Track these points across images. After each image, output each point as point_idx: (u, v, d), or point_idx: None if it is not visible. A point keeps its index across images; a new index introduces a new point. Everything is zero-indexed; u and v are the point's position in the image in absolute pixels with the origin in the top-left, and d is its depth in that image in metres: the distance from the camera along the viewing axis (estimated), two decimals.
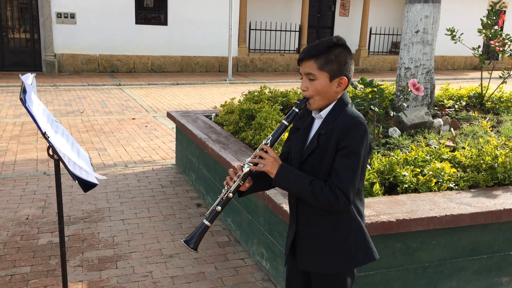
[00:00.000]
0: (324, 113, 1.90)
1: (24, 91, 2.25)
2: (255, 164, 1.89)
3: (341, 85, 1.86)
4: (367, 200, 3.01)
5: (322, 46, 1.84)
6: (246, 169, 1.90)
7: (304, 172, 1.88)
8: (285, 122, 1.93)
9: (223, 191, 1.95)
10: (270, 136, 1.93)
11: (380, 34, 19.56)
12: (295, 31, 18.07)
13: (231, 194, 1.93)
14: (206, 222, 1.95)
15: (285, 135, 2.18)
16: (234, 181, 1.92)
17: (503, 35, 5.79)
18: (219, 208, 1.94)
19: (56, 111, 9.17)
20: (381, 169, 3.40)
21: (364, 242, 1.95)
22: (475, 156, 3.59)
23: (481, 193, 3.25)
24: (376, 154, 3.76)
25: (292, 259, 2.06)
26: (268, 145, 1.90)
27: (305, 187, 1.81)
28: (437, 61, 19.06)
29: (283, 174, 1.85)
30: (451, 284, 3.10)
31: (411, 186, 3.24)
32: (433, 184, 3.27)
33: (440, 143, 4.04)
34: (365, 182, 3.18)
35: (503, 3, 5.97)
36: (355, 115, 1.84)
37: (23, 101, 2.19)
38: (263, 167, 1.87)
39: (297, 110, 1.91)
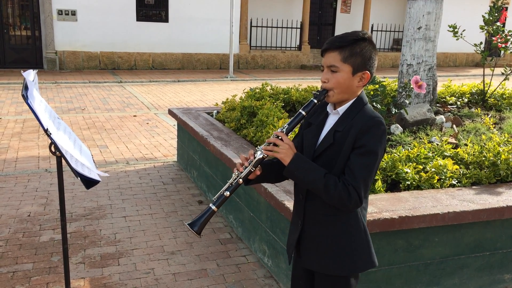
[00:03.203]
0: (341, 109, 1.84)
1: (26, 87, 2.24)
2: (269, 151, 1.83)
3: (363, 80, 1.82)
4: (369, 197, 2.98)
5: (348, 38, 1.79)
6: (259, 156, 1.84)
7: None
8: (303, 112, 1.87)
9: (233, 176, 1.89)
10: (286, 125, 1.87)
11: (381, 30, 19.53)
12: (296, 28, 18.04)
13: (241, 180, 1.87)
14: (213, 207, 1.88)
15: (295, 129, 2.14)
16: (245, 167, 1.87)
17: (506, 32, 5.77)
18: (227, 193, 1.87)
19: (58, 108, 9.17)
20: (383, 166, 3.39)
21: (368, 246, 1.92)
22: (477, 153, 3.58)
23: (484, 190, 3.24)
24: None
25: (297, 256, 2.02)
26: (284, 133, 1.85)
27: (318, 179, 1.75)
28: (438, 58, 19.03)
29: (297, 163, 1.79)
30: (454, 281, 3.10)
31: (414, 183, 3.24)
32: (435, 181, 3.26)
33: (443, 140, 4.03)
34: None
35: None
36: (376, 115, 1.80)
37: (25, 98, 2.18)
38: (277, 154, 1.81)
39: (315, 101, 1.85)
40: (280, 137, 1.82)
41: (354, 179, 1.74)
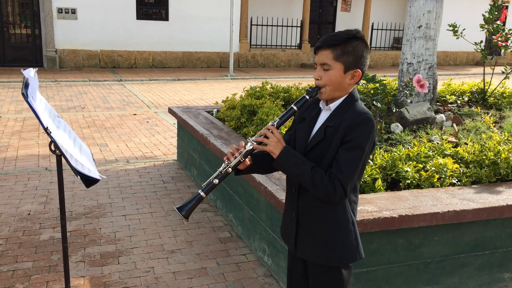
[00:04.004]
0: (333, 105, 1.90)
1: (26, 86, 2.24)
2: (259, 143, 1.90)
3: (355, 78, 1.87)
4: (369, 196, 3.01)
5: (340, 37, 1.84)
6: (249, 147, 1.91)
7: None
8: (294, 107, 1.93)
9: (223, 165, 1.96)
10: (277, 119, 1.93)
11: (382, 29, 19.50)
12: (296, 26, 18.02)
13: (230, 169, 1.94)
14: (202, 193, 1.95)
15: (288, 123, 2.17)
16: (235, 157, 1.93)
17: (506, 30, 5.76)
18: (216, 181, 1.95)
19: (58, 106, 9.17)
20: (384, 165, 3.39)
21: (356, 239, 1.97)
22: (477, 152, 3.58)
23: (484, 189, 3.24)
24: (378, 149, 3.75)
25: (293, 248, 2.09)
26: (275, 126, 1.91)
27: (306, 172, 1.82)
28: (439, 57, 19.01)
29: (285, 156, 1.86)
30: (453, 280, 3.10)
31: (414, 182, 3.24)
32: (435, 180, 3.26)
33: (443, 139, 4.03)
34: (368, 178, 3.17)
35: None
36: (365, 111, 1.86)
37: (25, 96, 2.18)
38: (267, 146, 1.87)
39: (307, 97, 1.92)
40: (270, 130, 1.88)
41: (340, 173, 1.80)
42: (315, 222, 1.96)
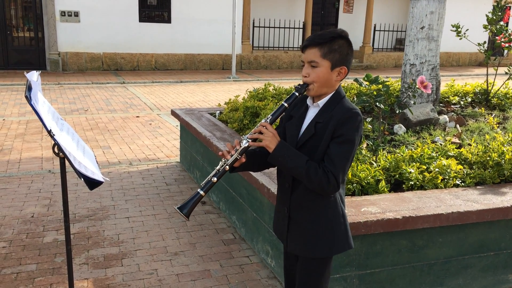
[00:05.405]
0: (321, 102, 1.98)
1: (29, 89, 2.24)
2: (254, 140, 1.96)
3: (341, 75, 1.96)
4: (373, 198, 3.00)
5: (326, 36, 1.92)
6: (245, 144, 1.97)
7: None
8: (285, 104, 2.01)
9: (220, 163, 2.01)
10: (269, 116, 2.00)
11: (384, 30, 19.49)
12: (299, 28, 18.03)
13: (227, 167, 1.99)
14: (201, 192, 2.01)
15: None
16: (231, 155, 1.98)
17: (509, 31, 5.75)
18: (214, 179, 2.00)
19: (61, 109, 9.19)
20: (387, 166, 3.38)
21: (345, 229, 2.05)
22: (481, 153, 3.57)
23: (488, 190, 3.23)
24: (381, 151, 3.74)
25: (285, 243, 2.15)
26: (268, 123, 1.97)
27: (301, 165, 1.89)
28: (441, 58, 18.98)
29: (281, 150, 1.92)
30: (458, 282, 3.09)
31: (417, 183, 3.23)
32: (439, 181, 3.25)
33: (446, 140, 4.02)
34: (371, 179, 3.17)
35: None
36: (353, 107, 1.94)
37: (29, 99, 2.18)
38: (262, 142, 1.93)
39: (297, 94, 1.99)
40: (265, 127, 1.95)
41: (333, 166, 1.87)
42: (307, 216, 2.02)
